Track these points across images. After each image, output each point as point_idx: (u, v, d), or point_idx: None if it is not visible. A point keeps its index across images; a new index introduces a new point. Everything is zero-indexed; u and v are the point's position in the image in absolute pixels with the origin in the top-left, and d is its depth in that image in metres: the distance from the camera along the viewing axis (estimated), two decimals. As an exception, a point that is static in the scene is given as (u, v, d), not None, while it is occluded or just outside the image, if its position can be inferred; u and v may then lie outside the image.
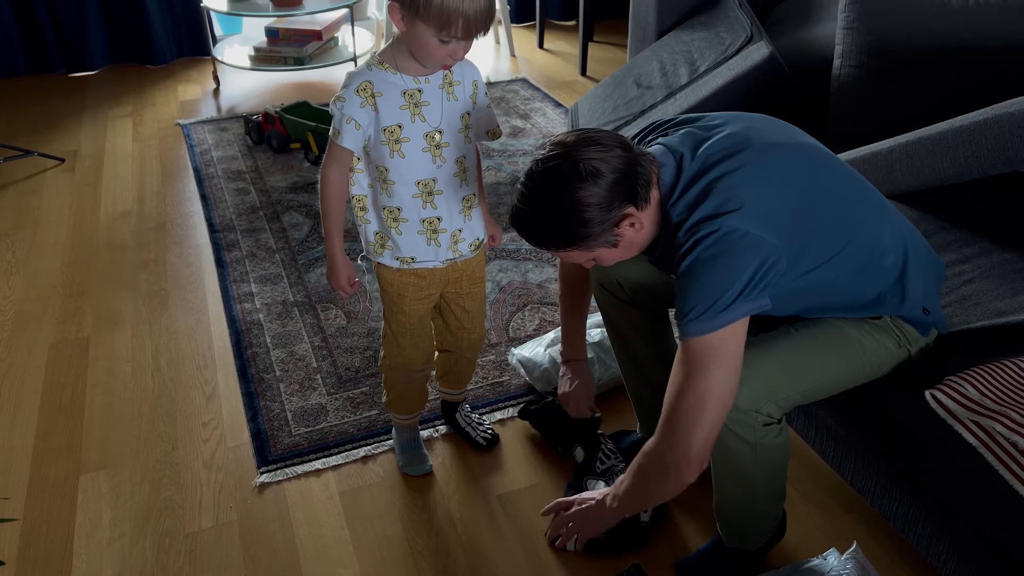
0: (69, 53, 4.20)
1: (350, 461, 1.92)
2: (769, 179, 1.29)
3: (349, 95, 1.46)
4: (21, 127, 3.66)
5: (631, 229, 1.31)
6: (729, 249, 1.23)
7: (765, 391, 1.38)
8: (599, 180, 1.25)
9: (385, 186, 1.53)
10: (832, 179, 1.38)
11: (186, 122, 3.72)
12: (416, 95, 1.48)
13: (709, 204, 1.26)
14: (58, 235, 2.86)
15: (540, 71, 4.35)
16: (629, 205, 1.28)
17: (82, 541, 1.73)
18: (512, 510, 1.80)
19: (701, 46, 2.77)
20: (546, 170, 1.27)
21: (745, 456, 1.43)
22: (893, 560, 1.66)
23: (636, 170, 1.28)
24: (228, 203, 3.05)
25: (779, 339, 1.45)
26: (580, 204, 1.25)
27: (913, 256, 1.44)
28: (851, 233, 1.36)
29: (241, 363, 2.23)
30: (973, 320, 1.58)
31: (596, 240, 1.30)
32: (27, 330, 2.38)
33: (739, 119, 1.39)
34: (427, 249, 1.60)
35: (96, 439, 1.99)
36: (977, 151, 1.72)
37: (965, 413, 1.34)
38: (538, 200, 1.28)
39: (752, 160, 1.30)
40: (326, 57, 4.07)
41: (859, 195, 1.41)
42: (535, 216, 1.30)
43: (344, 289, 1.63)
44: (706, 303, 1.24)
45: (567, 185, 1.25)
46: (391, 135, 1.48)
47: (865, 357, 1.45)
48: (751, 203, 1.25)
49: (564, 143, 1.28)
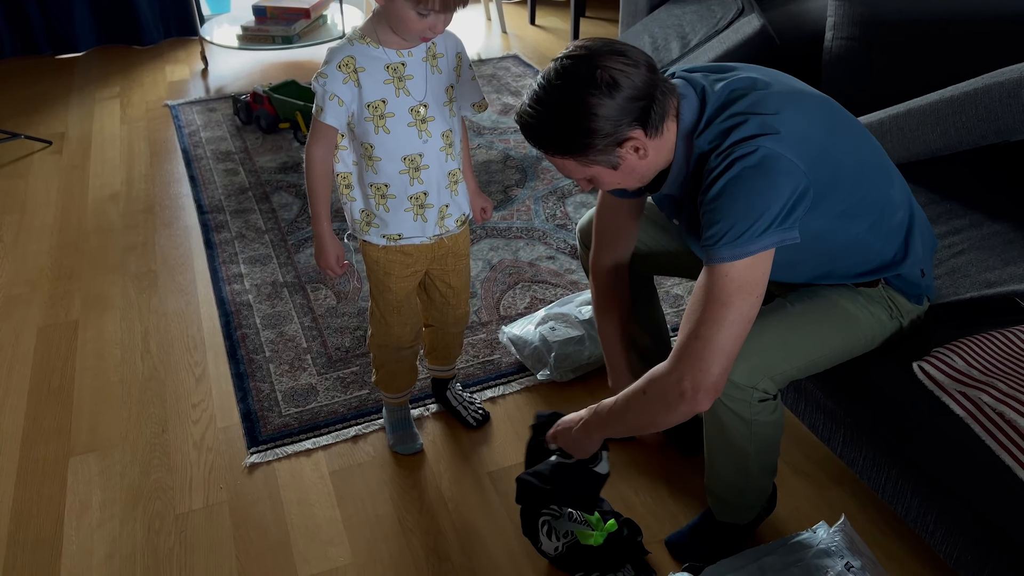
0: (55, 35, 4.15)
1: (340, 441, 1.92)
2: (799, 111, 1.26)
3: (331, 71, 1.44)
4: (8, 109, 3.63)
5: (634, 155, 1.26)
6: (766, 170, 1.19)
7: (762, 366, 1.37)
8: (615, 93, 1.19)
9: (371, 163, 1.51)
10: (850, 130, 1.36)
11: (174, 103, 3.69)
12: (400, 69, 1.46)
13: (747, 127, 1.21)
14: (46, 218, 2.84)
15: (532, 47, 4.31)
16: (638, 128, 1.23)
17: (72, 523, 1.73)
18: (503, 487, 1.80)
19: (692, 20, 2.74)
20: (563, 69, 1.22)
21: (740, 432, 1.42)
22: (882, 532, 1.66)
23: (654, 95, 1.22)
24: (217, 184, 3.02)
25: (775, 313, 1.43)
26: (588, 112, 1.20)
27: (917, 216, 1.44)
28: (867, 184, 1.34)
29: (231, 344, 2.22)
30: (962, 291, 1.57)
31: (596, 155, 1.25)
32: (15, 314, 2.37)
33: (754, 67, 1.36)
34: (414, 225, 1.58)
35: (86, 422, 1.99)
36: (967, 122, 1.70)
37: (952, 384, 1.34)
38: (548, 100, 1.23)
39: (780, 95, 1.27)
40: (314, 35, 4.03)
41: (872, 150, 1.39)
42: (542, 115, 1.24)
43: (332, 269, 1.62)
44: (742, 227, 1.19)
45: (580, 90, 1.19)
46: (375, 111, 1.46)
47: (860, 330, 1.44)
48: (787, 129, 1.21)
49: (588, 47, 1.22)
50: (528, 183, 2.99)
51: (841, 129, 1.33)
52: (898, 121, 1.86)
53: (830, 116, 1.33)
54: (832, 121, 1.32)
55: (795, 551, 1.55)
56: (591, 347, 2.06)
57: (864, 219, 1.35)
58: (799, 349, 1.41)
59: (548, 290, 2.41)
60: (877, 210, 1.36)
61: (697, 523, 1.65)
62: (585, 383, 2.07)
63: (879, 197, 1.37)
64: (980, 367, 1.34)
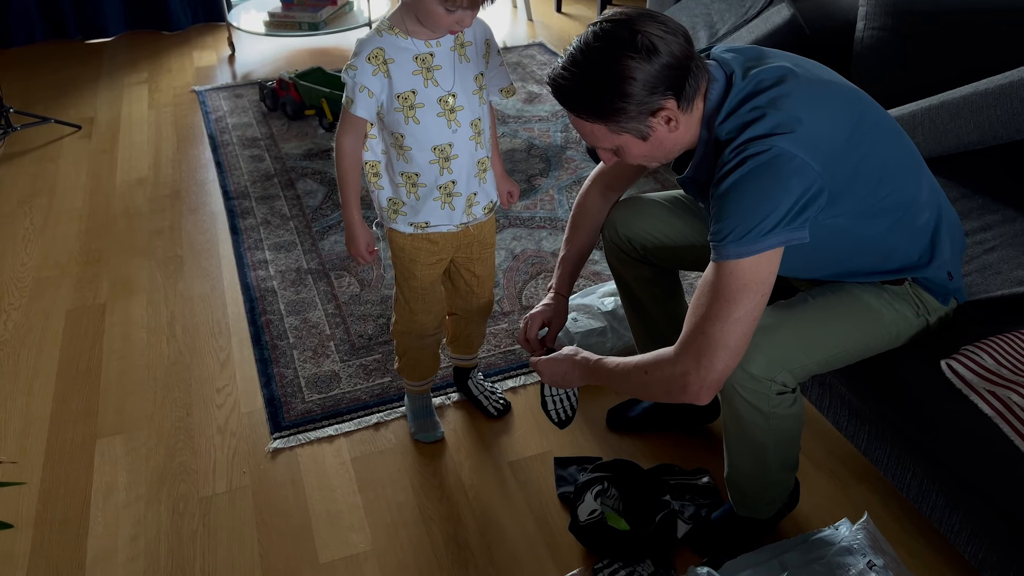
0: (85, 20, 4.19)
1: (362, 427, 1.93)
2: (821, 110, 1.24)
3: (361, 63, 1.44)
4: (38, 94, 3.67)
5: (665, 127, 1.25)
6: (777, 170, 1.18)
7: (780, 360, 1.36)
8: (653, 58, 1.18)
9: (402, 152, 1.52)
10: (878, 127, 1.33)
11: (201, 88, 3.71)
12: (428, 59, 1.46)
13: (763, 124, 1.21)
14: (74, 202, 2.87)
15: (558, 35, 4.28)
16: (672, 98, 1.22)
17: (98, 504, 1.76)
18: (523, 477, 1.80)
19: (721, 8, 2.71)
20: (603, 32, 1.20)
21: (758, 425, 1.41)
22: (905, 530, 1.65)
23: (690, 67, 1.22)
24: (243, 170, 3.04)
25: (796, 307, 1.42)
26: (626, 75, 1.18)
27: (945, 217, 1.42)
28: (891, 184, 1.32)
29: (255, 330, 2.24)
30: (993, 289, 1.55)
31: (628, 122, 1.23)
32: (45, 296, 2.40)
33: (789, 56, 1.34)
34: (441, 213, 1.59)
35: (112, 404, 2.02)
36: (1002, 115, 1.67)
37: (981, 383, 1.32)
38: (585, 61, 1.21)
39: (806, 89, 1.25)
40: (341, 22, 4.03)
41: (901, 149, 1.37)
42: (578, 76, 1.22)
43: (363, 256, 1.63)
44: (747, 226, 1.19)
45: (619, 51, 1.18)
46: (405, 101, 1.47)
47: (883, 327, 1.42)
48: (805, 128, 1.20)
49: (627, 13, 1.22)
50: (552, 172, 2.97)
51: (868, 126, 1.31)
52: (931, 114, 1.83)
53: (858, 112, 1.31)
54: (859, 118, 1.30)
55: (817, 548, 1.54)
56: (613, 339, 2.06)
57: (885, 219, 1.33)
58: (819, 343, 1.40)
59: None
60: (900, 210, 1.34)
61: (718, 517, 1.64)
62: (607, 374, 2.06)
63: (903, 197, 1.34)
64: (1010, 366, 1.32)
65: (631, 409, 1.91)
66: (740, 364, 1.32)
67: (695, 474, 1.76)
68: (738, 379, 1.36)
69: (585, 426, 1.92)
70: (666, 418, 1.87)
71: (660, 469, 1.78)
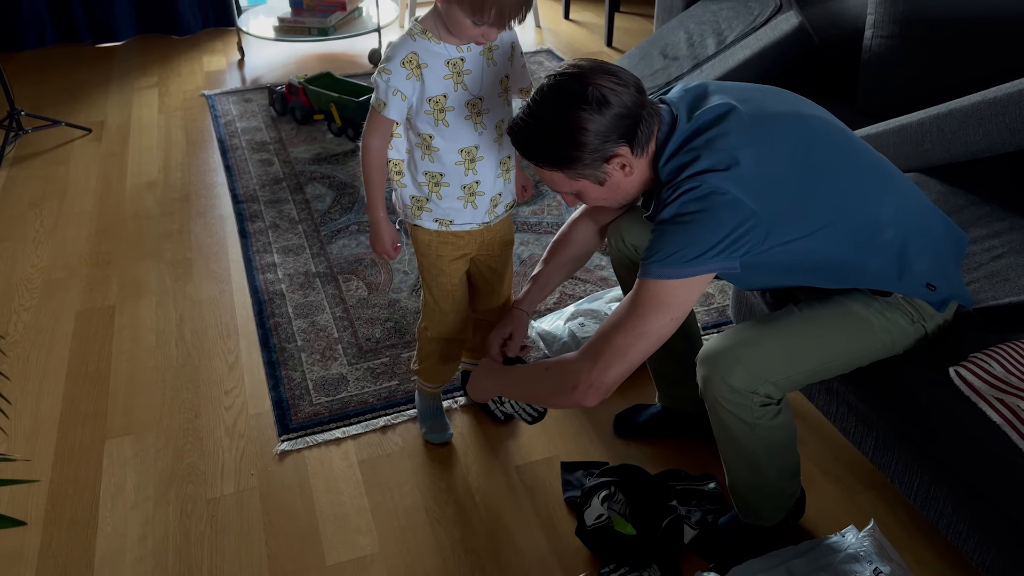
0: (96, 24, 4.22)
1: (370, 430, 1.94)
2: (759, 145, 1.29)
3: (395, 67, 1.46)
4: (49, 97, 3.70)
5: (620, 171, 1.33)
6: (708, 207, 1.25)
7: (762, 372, 1.38)
8: (604, 109, 1.26)
9: (428, 152, 1.54)
10: (830, 150, 1.36)
11: (211, 93, 3.73)
12: (459, 64, 1.48)
13: (698, 165, 1.27)
14: (84, 205, 2.89)
15: (566, 42, 4.30)
16: (625, 145, 1.29)
17: (107, 504, 1.77)
18: (530, 481, 1.80)
19: (729, 16, 2.71)
20: (557, 85, 1.28)
21: (744, 435, 1.43)
22: (912, 537, 1.64)
23: (642, 114, 1.29)
24: (252, 174, 3.06)
25: (780, 320, 1.44)
26: (579, 126, 1.26)
27: (919, 231, 1.41)
28: (844, 206, 1.34)
29: (263, 333, 2.25)
30: (1001, 296, 1.55)
31: (584, 169, 1.31)
32: (55, 298, 2.41)
33: (738, 89, 1.39)
34: (464, 212, 1.61)
35: (121, 406, 2.03)
36: (1010, 123, 1.67)
37: (990, 391, 1.32)
38: (540, 113, 1.29)
39: (745, 126, 1.30)
40: (350, 27, 4.05)
41: (860, 168, 1.38)
42: (534, 128, 1.31)
43: (388, 253, 1.65)
44: (672, 251, 1.26)
45: (572, 104, 1.26)
46: (436, 104, 1.49)
47: (874, 336, 1.43)
48: (738, 166, 1.25)
49: (580, 66, 1.29)
50: (560, 178, 2.98)
51: (817, 154, 1.34)
52: (939, 122, 1.84)
53: (805, 142, 1.34)
54: (807, 147, 1.33)
55: (823, 555, 1.54)
56: (620, 344, 2.06)
57: (843, 237, 1.35)
58: (802, 354, 1.41)
59: (578, 286, 2.41)
60: (859, 228, 1.36)
61: (724, 523, 1.65)
62: (614, 380, 2.07)
63: (861, 219, 1.36)
64: (1019, 374, 1.32)
65: (638, 415, 1.92)
66: (721, 376, 1.37)
67: (702, 479, 1.76)
68: (720, 391, 1.38)
69: (592, 431, 1.92)
70: (673, 424, 1.87)
71: (667, 474, 1.78)
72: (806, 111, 1.39)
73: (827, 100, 2.51)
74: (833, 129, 1.40)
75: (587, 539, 1.62)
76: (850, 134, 1.43)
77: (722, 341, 1.41)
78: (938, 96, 1.96)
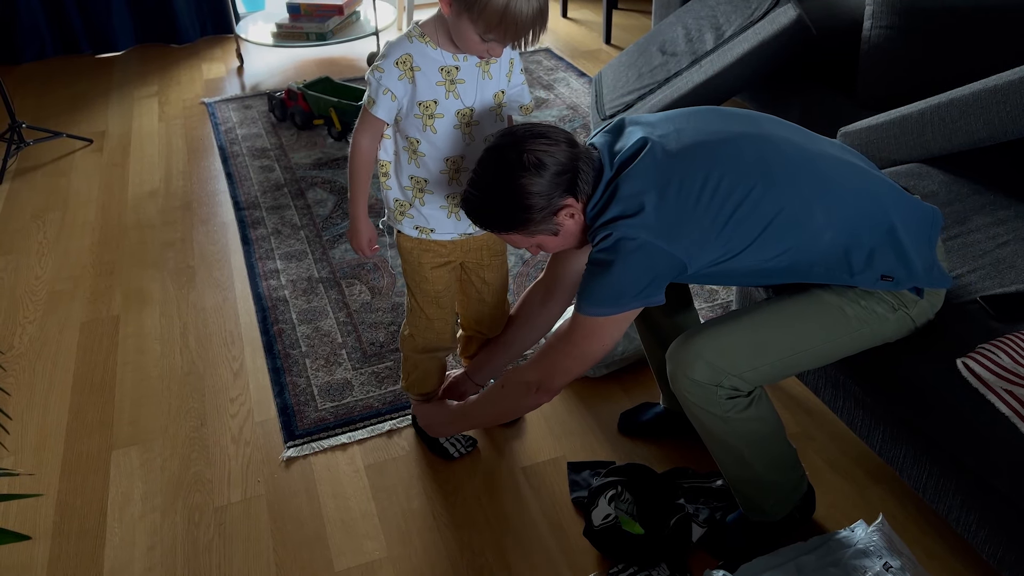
0: (95, 34, 4.23)
1: (375, 435, 1.94)
2: (667, 184, 1.32)
3: (388, 66, 1.45)
4: (49, 109, 3.71)
5: (571, 220, 1.39)
6: (618, 254, 1.32)
7: (724, 366, 1.39)
8: (542, 171, 1.33)
9: (415, 156, 1.53)
10: (751, 170, 1.35)
11: (210, 100, 3.73)
12: (453, 72, 1.47)
13: (611, 211, 1.34)
14: (87, 215, 2.90)
15: (564, 40, 4.29)
16: (569, 197, 1.36)
17: (115, 515, 1.77)
18: (536, 482, 1.80)
19: (727, 10, 2.70)
20: (493, 158, 1.36)
21: (718, 428, 1.45)
22: (922, 530, 1.63)
23: (578, 165, 1.36)
24: (253, 181, 3.06)
25: (747, 314, 1.45)
26: (523, 192, 1.33)
27: (867, 228, 1.38)
28: (769, 222, 1.34)
29: (267, 339, 2.24)
30: (1008, 283, 1.54)
31: (537, 226, 1.38)
32: (59, 309, 2.42)
33: (662, 120, 1.43)
34: (447, 221, 1.60)
35: (127, 416, 2.03)
36: (1011, 111, 1.66)
37: (998, 382, 1.31)
38: (485, 185, 1.37)
39: (653, 165, 1.34)
40: (348, 32, 4.05)
41: (790, 176, 1.36)
42: (482, 200, 1.38)
43: (364, 251, 1.66)
44: (595, 293, 1.36)
45: (511, 174, 1.33)
46: (425, 109, 1.48)
47: (850, 324, 1.42)
48: (646, 210, 1.31)
49: (513, 133, 1.37)
50: (561, 177, 2.97)
51: (734, 176, 1.34)
52: (940, 111, 1.82)
53: (720, 167, 1.34)
54: (722, 171, 1.34)
55: (833, 550, 1.53)
56: (624, 343, 2.05)
57: (775, 245, 1.36)
58: (768, 346, 1.42)
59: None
60: (793, 239, 1.36)
61: (732, 520, 1.64)
62: (619, 379, 2.06)
63: (789, 231, 1.35)
64: (1026, 364, 1.31)
65: (643, 413, 1.91)
66: (683, 371, 1.41)
67: (709, 477, 1.76)
68: (683, 386, 1.42)
69: (598, 431, 1.92)
70: (676, 424, 1.87)
71: (674, 472, 1.77)
72: (733, 130, 1.40)
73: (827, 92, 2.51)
74: (767, 145, 1.39)
75: (595, 539, 1.62)
76: (791, 143, 1.41)
77: (687, 336, 1.44)
78: (938, 86, 1.95)
